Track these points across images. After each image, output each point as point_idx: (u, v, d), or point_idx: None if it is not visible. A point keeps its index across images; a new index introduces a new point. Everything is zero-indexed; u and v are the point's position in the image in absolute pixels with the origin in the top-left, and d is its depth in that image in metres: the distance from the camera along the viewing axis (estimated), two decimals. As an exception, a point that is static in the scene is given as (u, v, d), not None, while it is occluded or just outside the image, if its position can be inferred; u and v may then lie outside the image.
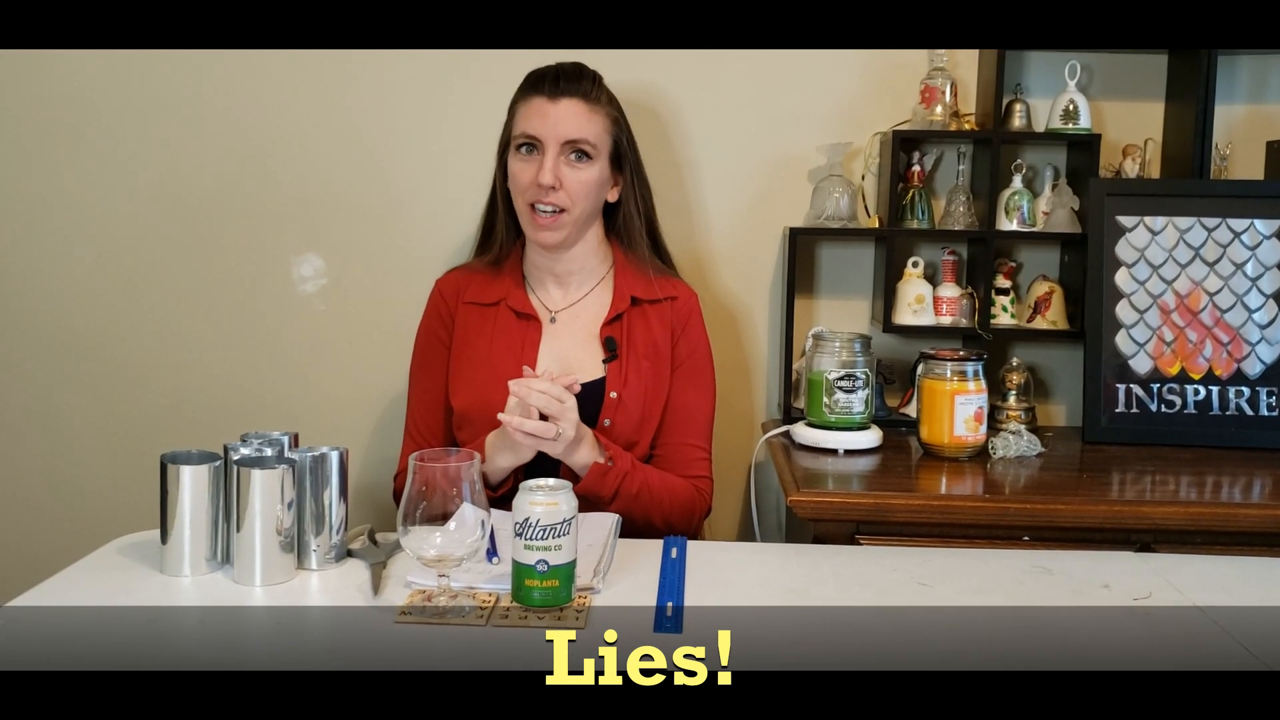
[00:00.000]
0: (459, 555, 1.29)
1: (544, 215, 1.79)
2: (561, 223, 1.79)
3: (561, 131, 1.77)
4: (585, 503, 1.47)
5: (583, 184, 1.79)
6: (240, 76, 2.31)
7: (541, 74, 1.82)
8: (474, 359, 1.84)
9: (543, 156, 1.77)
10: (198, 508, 1.41)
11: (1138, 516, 1.80)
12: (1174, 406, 2.19)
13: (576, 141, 1.78)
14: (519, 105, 1.83)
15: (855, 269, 2.38)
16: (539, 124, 1.77)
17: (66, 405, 2.40)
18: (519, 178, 1.80)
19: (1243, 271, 2.18)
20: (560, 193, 1.77)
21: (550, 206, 1.78)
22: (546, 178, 1.76)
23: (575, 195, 1.79)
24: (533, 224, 1.80)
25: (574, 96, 1.78)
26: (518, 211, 1.84)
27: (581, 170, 1.79)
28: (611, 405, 1.79)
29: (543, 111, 1.78)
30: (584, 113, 1.79)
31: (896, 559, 1.55)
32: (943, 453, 2.02)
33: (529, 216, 1.80)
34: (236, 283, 2.36)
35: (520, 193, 1.81)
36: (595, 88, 1.82)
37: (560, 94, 1.78)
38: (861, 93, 2.32)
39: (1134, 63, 2.33)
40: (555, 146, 1.77)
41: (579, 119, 1.78)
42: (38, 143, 2.34)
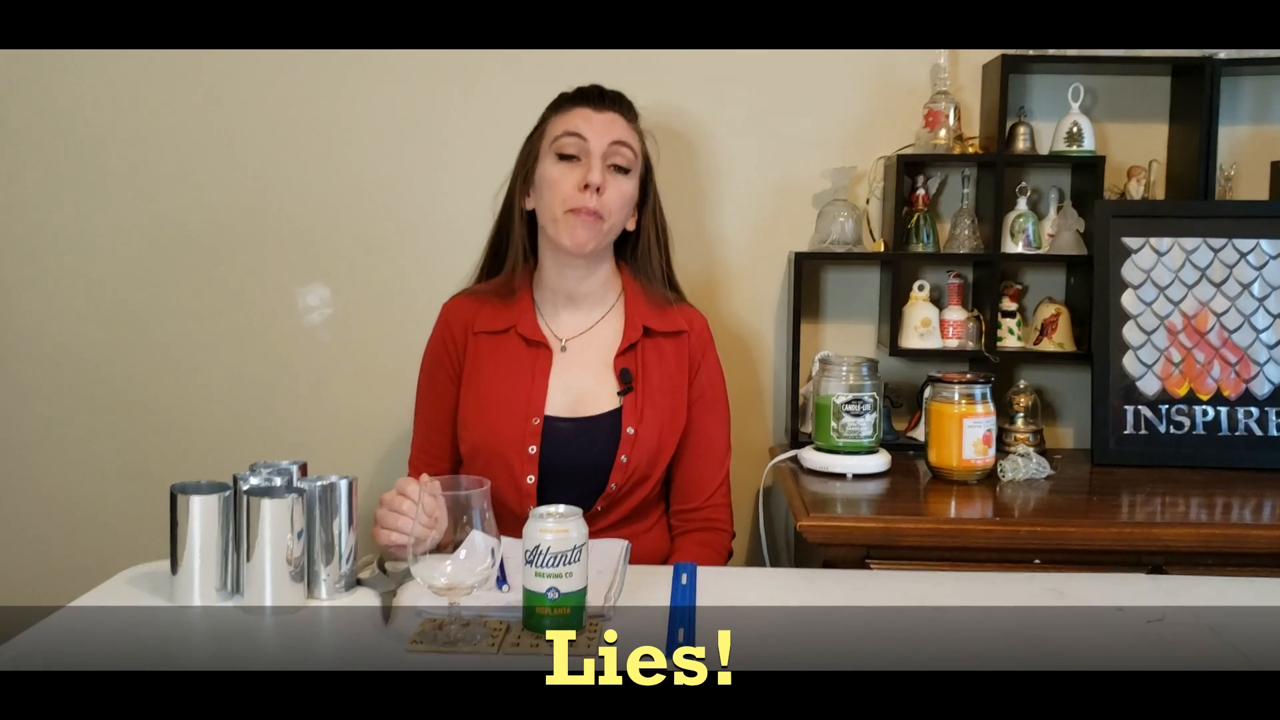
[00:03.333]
0: (469, 583, 1.28)
1: (585, 216, 1.75)
2: (598, 228, 1.77)
3: (608, 135, 1.78)
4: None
5: (621, 194, 1.79)
6: (247, 109, 2.33)
7: (582, 90, 1.84)
8: (484, 390, 1.82)
9: (588, 160, 1.77)
10: (207, 538, 1.40)
11: (1149, 538, 1.79)
12: (1182, 428, 2.18)
13: (621, 144, 1.78)
14: (555, 117, 1.82)
15: (861, 293, 2.39)
16: (585, 126, 1.77)
17: (76, 436, 2.40)
18: (560, 184, 1.77)
19: (1249, 292, 2.18)
20: (601, 199, 1.76)
21: (591, 210, 1.75)
22: (595, 176, 1.74)
23: (612, 206, 1.78)
24: (570, 227, 1.76)
25: (615, 110, 1.81)
26: (549, 221, 1.79)
27: (621, 181, 1.79)
28: (629, 441, 1.78)
29: (587, 117, 1.78)
30: (625, 124, 1.82)
31: (908, 584, 1.55)
32: (952, 476, 2.02)
33: (565, 220, 1.76)
34: (244, 313, 2.37)
35: (560, 200, 1.77)
36: (630, 106, 1.85)
37: (604, 106, 1.80)
38: (865, 117, 2.33)
39: (1137, 84, 2.34)
40: (600, 152, 1.77)
41: (621, 127, 1.80)
42: (46, 175, 2.35)
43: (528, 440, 1.77)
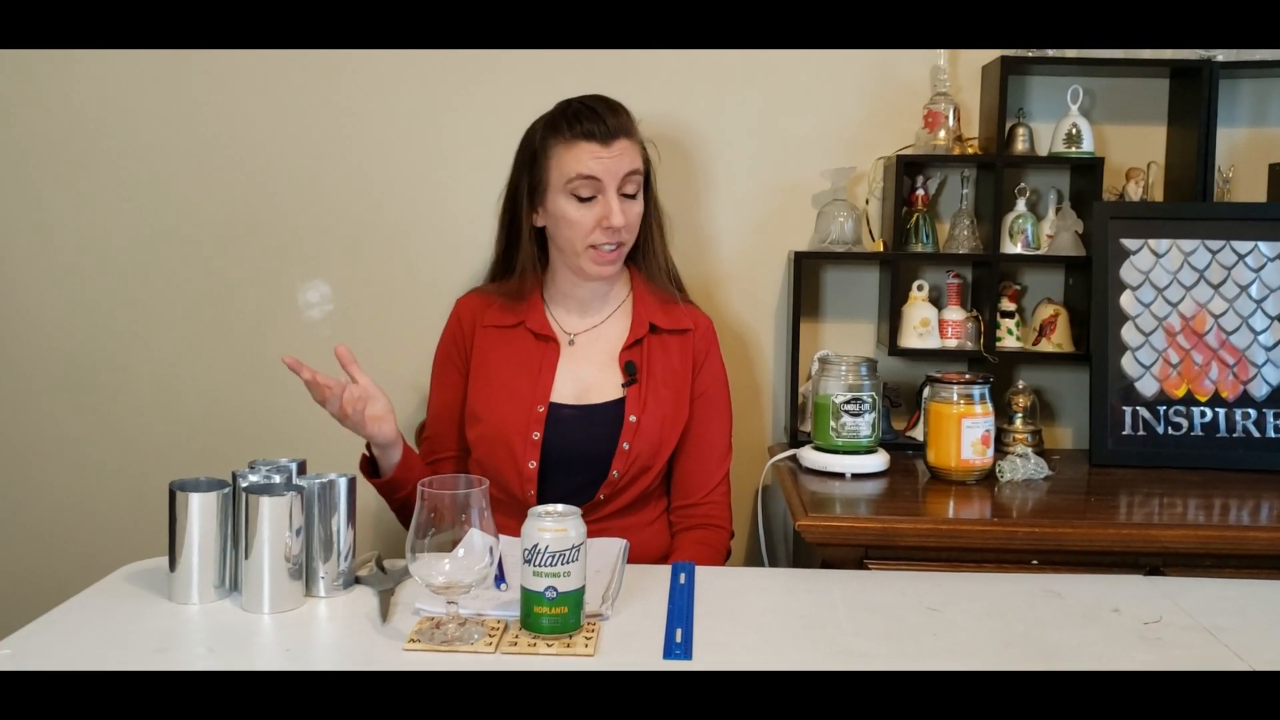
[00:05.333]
0: (467, 582, 1.29)
1: (608, 252, 1.82)
2: (620, 256, 1.85)
3: (620, 170, 1.79)
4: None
5: (635, 216, 1.84)
6: (249, 107, 2.32)
7: (575, 115, 1.80)
8: (491, 378, 1.87)
9: (605, 198, 1.79)
10: (206, 535, 1.41)
11: (1147, 540, 1.79)
12: (1180, 429, 2.18)
13: (630, 175, 1.80)
14: (560, 150, 1.80)
15: (860, 292, 2.39)
16: (598, 167, 1.78)
17: (75, 433, 2.40)
18: (581, 223, 1.80)
19: (1247, 294, 2.18)
20: (624, 229, 1.81)
21: (613, 244, 1.81)
22: (618, 219, 1.78)
23: (632, 228, 1.84)
24: (594, 263, 1.82)
25: (622, 136, 1.80)
26: (570, 253, 1.83)
27: (636, 204, 1.84)
28: (630, 429, 1.82)
29: (598, 155, 1.78)
30: (631, 148, 1.82)
31: (906, 584, 1.55)
32: (950, 476, 2.02)
33: (589, 255, 1.82)
34: (244, 310, 2.37)
35: (582, 236, 1.80)
36: (630, 119, 1.84)
37: (611, 135, 1.78)
38: (865, 118, 2.33)
39: (1136, 86, 2.34)
40: (615, 186, 1.79)
41: (629, 155, 1.81)
42: (47, 174, 2.35)
43: (532, 426, 1.81)
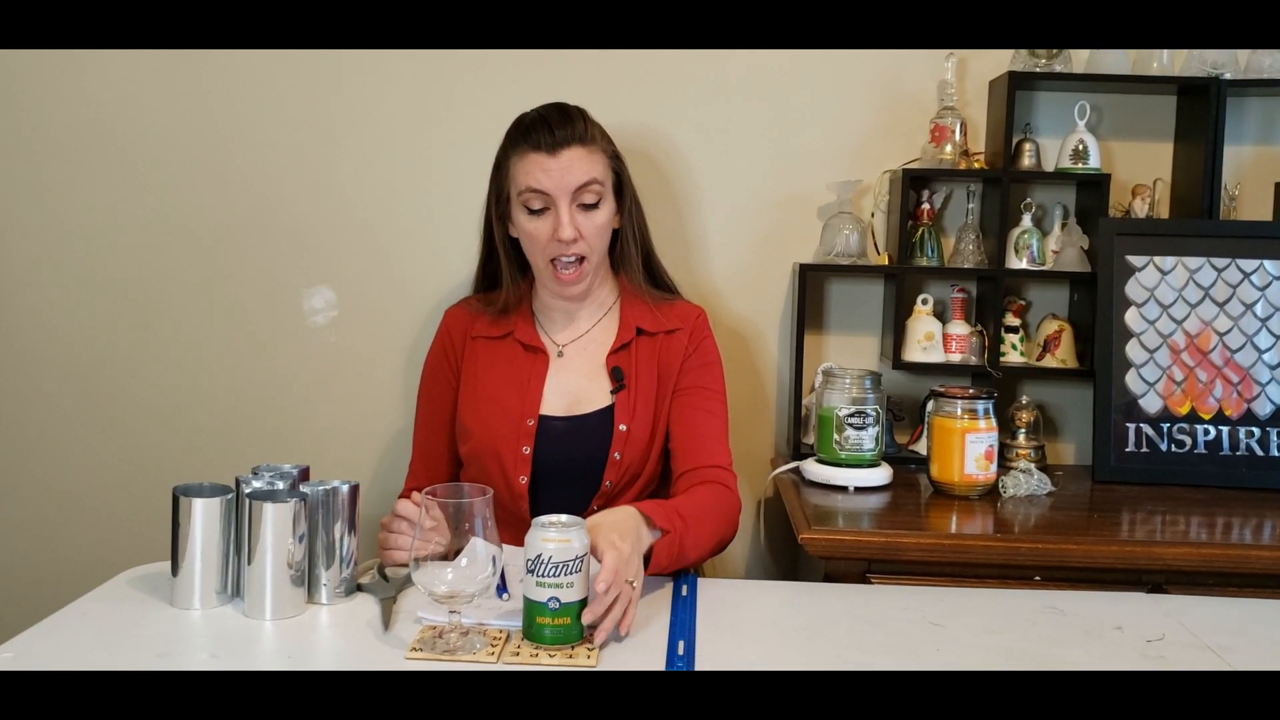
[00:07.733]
0: (470, 591, 1.28)
1: (567, 270, 1.77)
2: (584, 271, 1.79)
3: (569, 181, 1.73)
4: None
5: (598, 228, 1.77)
6: (255, 109, 2.33)
7: (528, 126, 1.77)
8: (480, 391, 1.84)
9: (556, 211, 1.74)
10: (209, 540, 1.41)
11: (1149, 557, 1.79)
12: (1184, 446, 2.18)
13: (586, 186, 1.74)
14: (514, 161, 1.77)
15: (864, 305, 2.39)
16: (545, 179, 1.73)
17: (78, 437, 2.40)
18: (536, 236, 1.76)
19: (1252, 312, 2.18)
20: (580, 242, 1.76)
21: (571, 257, 1.76)
22: (566, 232, 1.73)
23: (593, 241, 1.77)
24: (556, 280, 1.78)
25: (572, 144, 1.74)
26: (536, 268, 1.82)
27: (595, 215, 1.77)
28: (621, 438, 1.79)
29: (545, 167, 1.73)
30: (585, 156, 1.75)
31: (908, 598, 1.55)
32: (953, 491, 2.02)
33: (550, 273, 1.78)
34: (248, 315, 2.37)
35: (539, 251, 1.77)
36: (587, 126, 1.78)
37: (558, 145, 1.73)
38: (872, 131, 2.33)
39: (1143, 103, 2.34)
40: (566, 198, 1.73)
41: (582, 165, 1.74)
42: (51, 174, 2.35)
43: (521, 441, 1.78)
